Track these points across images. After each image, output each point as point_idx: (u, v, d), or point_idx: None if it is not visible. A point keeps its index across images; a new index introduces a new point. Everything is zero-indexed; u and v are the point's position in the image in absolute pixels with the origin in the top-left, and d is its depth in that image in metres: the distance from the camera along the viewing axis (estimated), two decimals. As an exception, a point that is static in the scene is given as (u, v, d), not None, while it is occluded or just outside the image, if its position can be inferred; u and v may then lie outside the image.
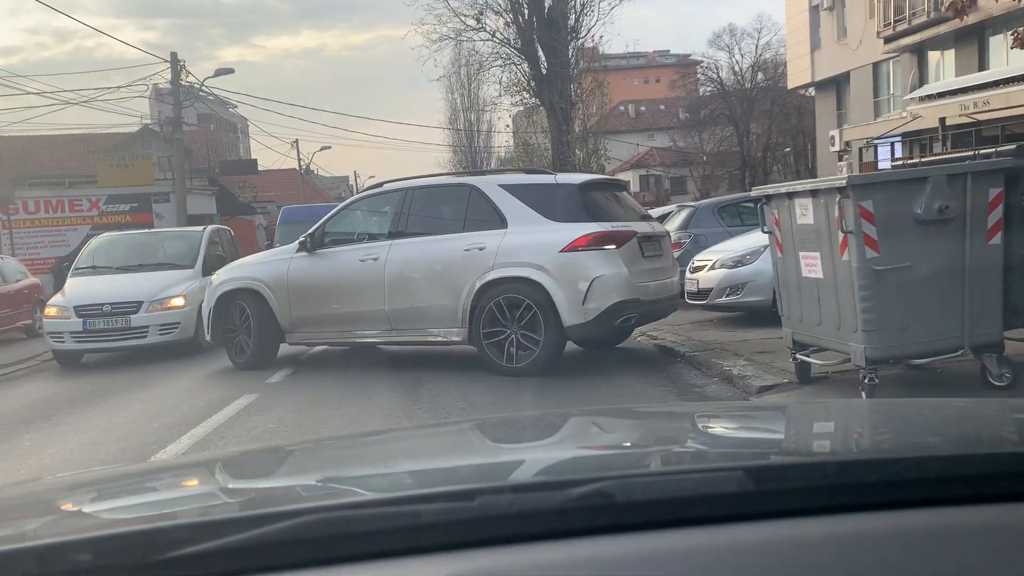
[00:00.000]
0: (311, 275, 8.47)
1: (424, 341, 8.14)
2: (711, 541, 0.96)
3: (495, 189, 7.89)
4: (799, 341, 5.97)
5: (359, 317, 8.25)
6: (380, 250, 8.15)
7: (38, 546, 1.03)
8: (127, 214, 27.81)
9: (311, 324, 8.59)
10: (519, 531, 0.97)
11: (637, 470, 1.30)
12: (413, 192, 8.33)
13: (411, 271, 7.98)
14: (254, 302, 8.76)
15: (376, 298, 8.07)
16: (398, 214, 8.26)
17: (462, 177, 9.05)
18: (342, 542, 0.97)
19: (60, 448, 6.11)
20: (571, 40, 23.39)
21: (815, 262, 5.56)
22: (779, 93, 42.63)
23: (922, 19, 25.03)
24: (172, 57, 26.96)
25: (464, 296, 7.65)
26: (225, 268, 9.58)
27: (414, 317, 7.97)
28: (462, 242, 7.76)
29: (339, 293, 8.31)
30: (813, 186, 5.42)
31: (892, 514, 1.00)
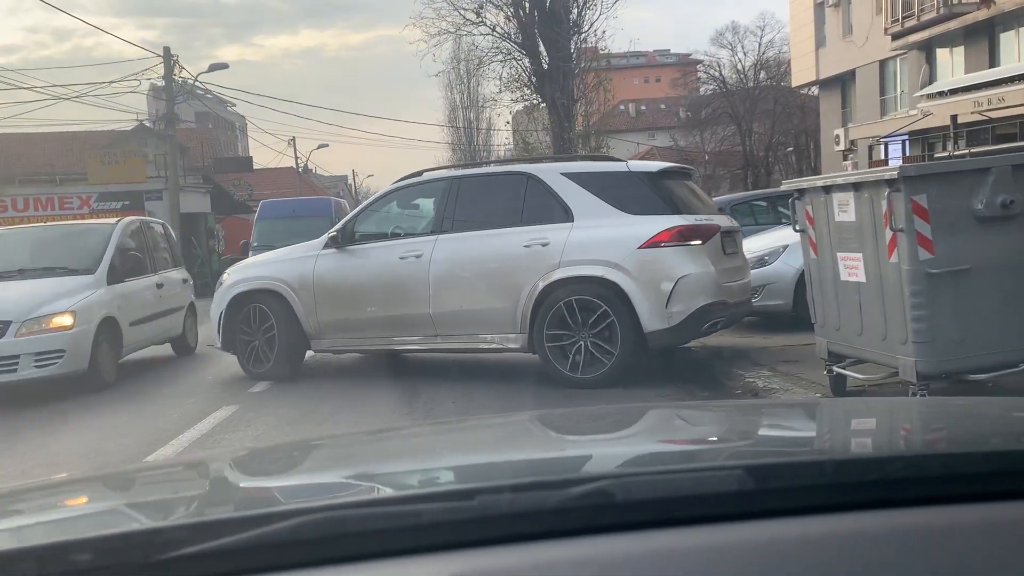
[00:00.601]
0: (341, 274, 7.54)
1: (475, 348, 7.32)
2: (711, 540, 0.95)
3: (557, 178, 7.03)
4: (835, 352, 5.39)
5: (398, 321, 7.34)
6: (423, 246, 7.24)
7: (37, 546, 1.02)
8: (119, 212, 27.18)
9: (341, 330, 7.62)
10: (519, 530, 0.97)
11: (637, 469, 1.28)
12: (460, 182, 7.45)
13: (461, 270, 7.13)
14: (275, 305, 7.76)
15: (419, 300, 7.18)
16: (443, 206, 7.35)
17: (517, 165, 8.01)
18: (342, 542, 0.96)
19: (12, 468, 5.53)
20: (573, 35, 22.83)
21: (856, 264, 4.97)
22: (782, 92, 42.17)
23: (931, 15, 24.57)
24: (165, 52, 26.50)
25: (524, 298, 6.83)
26: (237, 267, 8.59)
27: (464, 321, 7.12)
28: (521, 237, 6.91)
29: (375, 295, 7.39)
30: (857, 178, 4.84)
31: (891, 513, 0.99)
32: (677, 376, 7.10)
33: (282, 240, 16.62)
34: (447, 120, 54.18)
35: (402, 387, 7.28)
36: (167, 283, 10.24)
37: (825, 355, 5.47)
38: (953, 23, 23.98)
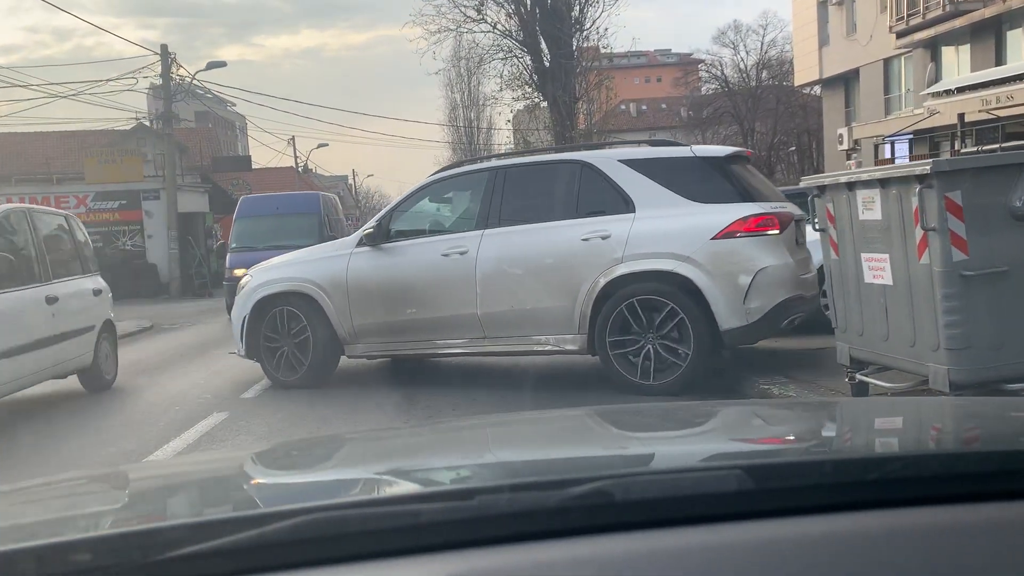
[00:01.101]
0: (378, 274, 7.01)
1: (528, 351, 6.83)
2: (710, 540, 0.95)
3: (615, 166, 6.53)
4: (857, 358, 5.09)
5: (442, 324, 6.82)
6: (468, 242, 6.74)
7: (37, 546, 1.01)
8: (115, 211, 26.98)
9: (378, 333, 7.07)
10: (518, 530, 0.97)
11: (636, 469, 1.28)
12: (505, 172, 6.92)
13: (511, 267, 6.62)
14: (306, 308, 7.22)
15: (465, 300, 6.69)
16: (488, 198, 6.81)
17: (569, 153, 7.36)
18: (341, 542, 0.96)
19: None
20: (575, 32, 22.53)
21: (882, 265, 4.68)
22: (784, 91, 41.88)
23: (937, 12, 24.30)
24: (162, 50, 26.22)
25: (583, 296, 6.35)
26: (260, 267, 7.97)
27: (516, 322, 6.62)
28: (578, 230, 6.42)
29: (416, 295, 6.88)
30: (883, 174, 4.54)
31: (890, 512, 0.99)
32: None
33: (265, 241, 15.12)
34: (447, 119, 53.89)
35: (400, 392, 7.00)
36: (66, 296, 7.55)
37: (847, 361, 5.18)
38: (959, 21, 23.74)
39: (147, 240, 26.75)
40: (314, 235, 15.14)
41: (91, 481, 1.66)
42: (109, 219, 26.70)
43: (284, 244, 15.01)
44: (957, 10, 23.64)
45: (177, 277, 25.48)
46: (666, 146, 7.19)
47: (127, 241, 26.82)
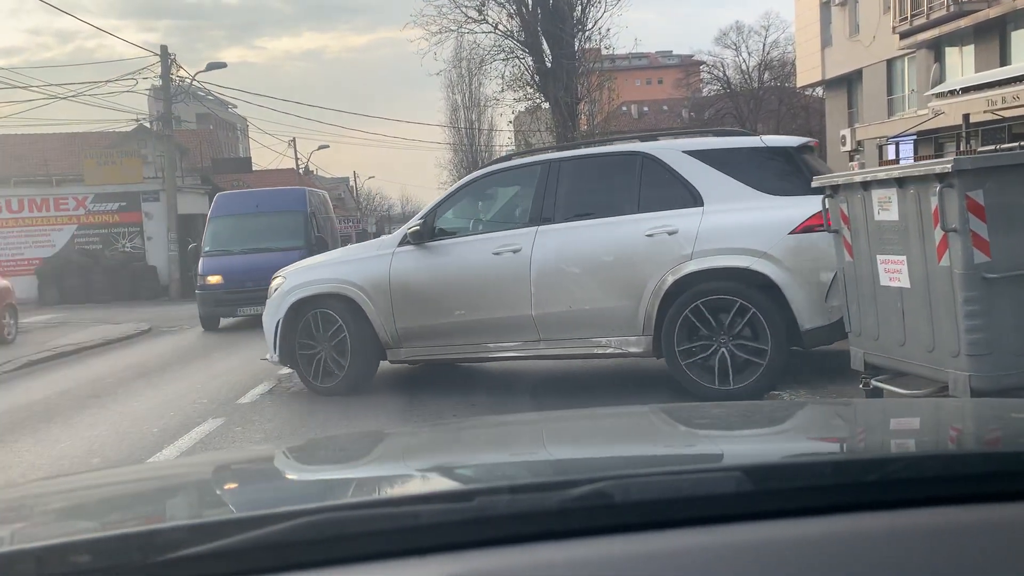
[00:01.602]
0: (423, 274, 6.65)
1: (586, 354, 6.45)
2: (709, 541, 0.95)
3: (679, 157, 6.19)
4: (872, 364, 4.92)
5: (494, 326, 6.46)
6: (522, 239, 6.38)
7: (36, 548, 1.01)
8: (115, 213, 26.87)
9: (424, 337, 6.71)
10: (518, 532, 0.96)
11: (635, 470, 1.24)
12: (559, 165, 6.55)
13: (569, 265, 6.27)
14: (345, 311, 6.84)
15: (518, 301, 6.34)
16: (541, 193, 6.46)
17: (628, 144, 6.95)
18: (341, 543, 0.95)
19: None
20: (577, 32, 22.37)
21: (899, 267, 4.51)
22: (787, 92, 41.73)
23: (940, 13, 24.16)
24: (162, 51, 26.10)
25: (648, 295, 6.00)
26: (293, 268, 7.54)
27: (574, 324, 6.26)
28: (642, 225, 6.07)
29: (465, 296, 6.53)
30: (901, 173, 4.37)
31: (890, 513, 0.99)
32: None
33: (243, 242, 14.25)
34: (449, 121, 53.75)
35: (400, 397, 6.86)
36: None
37: (861, 367, 5.01)
38: (963, 21, 23.60)
39: (147, 242, 26.60)
40: (299, 235, 14.31)
41: (90, 482, 1.65)
42: (108, 221, 26.60)
43: (265, 246, 13.93)
44: (961, 10, 23.50)
45: (177, 279, 25.31)
46: (731, 135, 6.84)
47: (126, 243, 26.70)
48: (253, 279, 13.07)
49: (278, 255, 13.12)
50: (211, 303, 14.00)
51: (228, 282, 13.79)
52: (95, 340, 13.03)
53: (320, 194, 17.46)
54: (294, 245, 13.91)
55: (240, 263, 13.89)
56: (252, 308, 13.11)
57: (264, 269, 13.03)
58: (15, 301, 14.49)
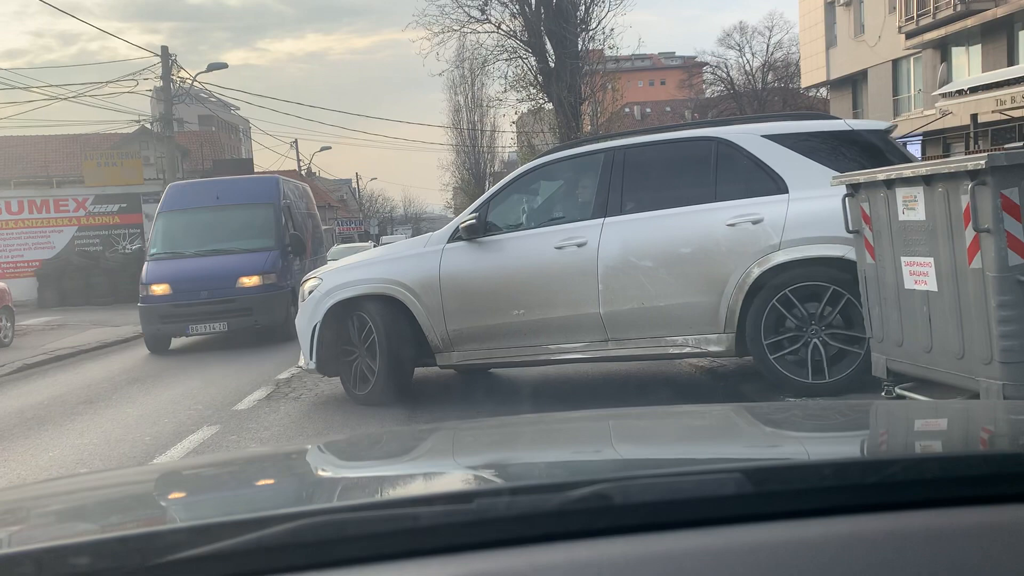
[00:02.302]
0: (478, 272, 6.20)
1: (660, 355, 6.04)
2: (709, 543, 0.95)
3: (758, 142, 5.81)
4: (896, 371, 4.70)
5: (556, 326, 6.03)
6: (587, 232, 5.97)
7: (35, 550, 1.00)
8: (115, 214, 26.64)
9: (478, 339, 6.25)
10: (517, 533, 0.96)
11: (635, 472, 1.24)
12: (624, 153, 6.13)
13: (641, 258, 5.85)
14: (388, 312, 6.33)
15: (584, 298, 5.92)
16: (606, 183, 6.05)
17: (700, 128, 6.52)
18: (340, 545, 0.95)
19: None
20: (581, 32, 22.15)
21: (925, 270, 4.29)
22: (791, 93, 41.51)
23: (947, 12, 23.94)
24: (163, 51, 25.96)
25: (731, 289, 5.62)
26: (330, 269, 7.08)
27: (646, 322, 5.85)
28: (722, 214, 5.68)
29: (524, 294, 6.08)
30: (929, 170, 4.15)
31: (890, 515, 0.98)
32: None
33: (199, 243, 11.95)
34: (451, 122, 53.56)
35: (402, 406, 6.62)
36: None
37: (883, 374, 4.79)
38: (970, 20, 23.39)
39: (147, 244, 26.42)
40: (268, 233, 12.30)
41: (90, 484, 1.65)
42: (109, 222, 26.39)
43: (226, 247, 11.96)
44: (968, 10, 23.29)
45: (177, 281, 25.14)
46: (812, 120, 6.43)
47: (127, 245, 26.50)
48: (210, 288, 11.39)
49: (241, 258, 11.79)
50: (155, 319, 11.41)
51: (177, 292, 11.40)
52: (92, 343, 12.82)
53: (298, 186, 15.35)
54: (262, 245, 12.12)
55: (193, 268, 11.75)
56: (208, 325, 11.31)
57: (223, 275, 11.47)
58: (12, 303, 14.30)
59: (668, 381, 6.95)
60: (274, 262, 11.98)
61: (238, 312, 11.42)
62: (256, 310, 11.45)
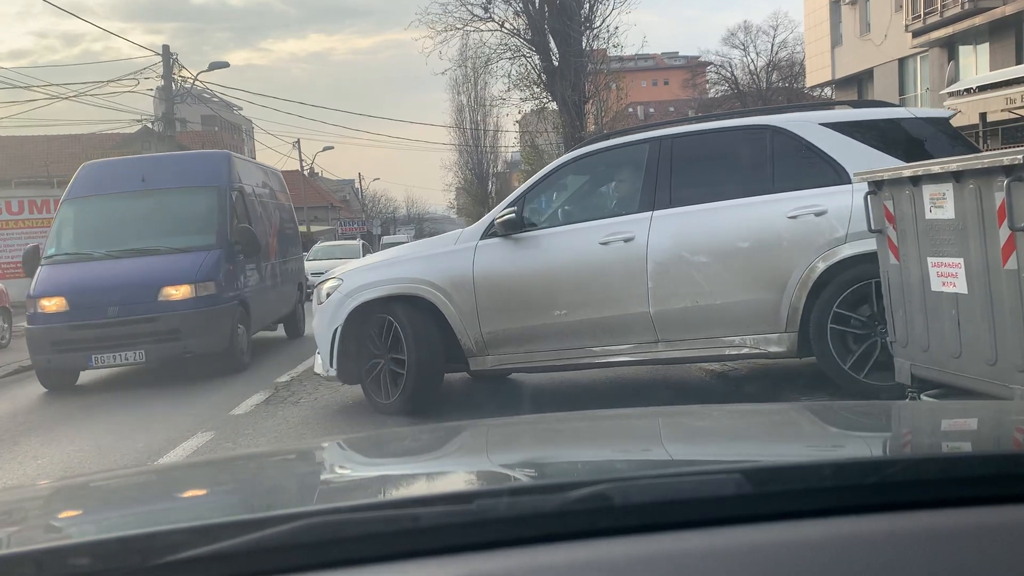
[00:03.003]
0: (515, 270, 5.84)
1: (715, 355, 5.72)
2: (709, 543, 0.95)
3: (817, 130, 5.51)
4: (921, 377, 4.49)
5: (603, 326, 5.68)
6: (634, 226, 5.62)
7: (36, 551, 1.00)
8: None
9: (515, 342, 5.85)
10: (517, 534, 0.96)
11: (635, 472, 1.26)
12: (672, 143, 5.80)
13: (694, 254, 5.53)
14: (416, 314, 5.92)
15: (632, 297, 5.58)
16: (653, 174, 5.72)
17: (753, 117, 6.18)
18: (340, 546, 0.95)
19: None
20: (585, 30, 21.95)
21: (954, 271, 4.08)
22: (795, 93, 41.29)
23: (955, 11, 23.73)
24: (164, 50, 25.81)
25: (794, 285, 5.31)
26: (350, 268, 6.59)
27: (700, 322, 5.52)
28: (781, 206, 5.37)
29: (566, 293, 5.74)
30: (960, 166, 3.94)
31: (890, 516, 0.98)
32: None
33: (112, 240, 8.92)
34: (454, 122, 53.39)
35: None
36: None
37: (907, 380, 4.58)
38: (978, 19, 23.17)
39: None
40: (209, 228, 9.13)
41: (90, 484, 1.65)
42: (110, 222, 26.31)
43: (149, 246, 8.84)
44: (976, 8, 23.08)
45: (178, 282, 24.94)
46: (871, 107, 6.10)
47: (128, 245, 26.38)
48: (121, 302, 8.33)
49: (169, 261, 8.72)
50: (45, 347, 8.41)
51: (76, 309, 8.36)
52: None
53: (265, 169, 12.63)
54: (200, 243, 8.98)
55: (99, 275, 8.65)
56: (118, 354, 8.29)
57: (141, 285, 8.43)
58: (10, 304, 14.12)
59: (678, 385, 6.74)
60: (214, 266, 8.83)
61: (160, 336, 8.39)
62: (186, 332, 8.40)
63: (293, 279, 12.61)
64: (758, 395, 6.03)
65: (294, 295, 12.55)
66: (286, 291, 12.02)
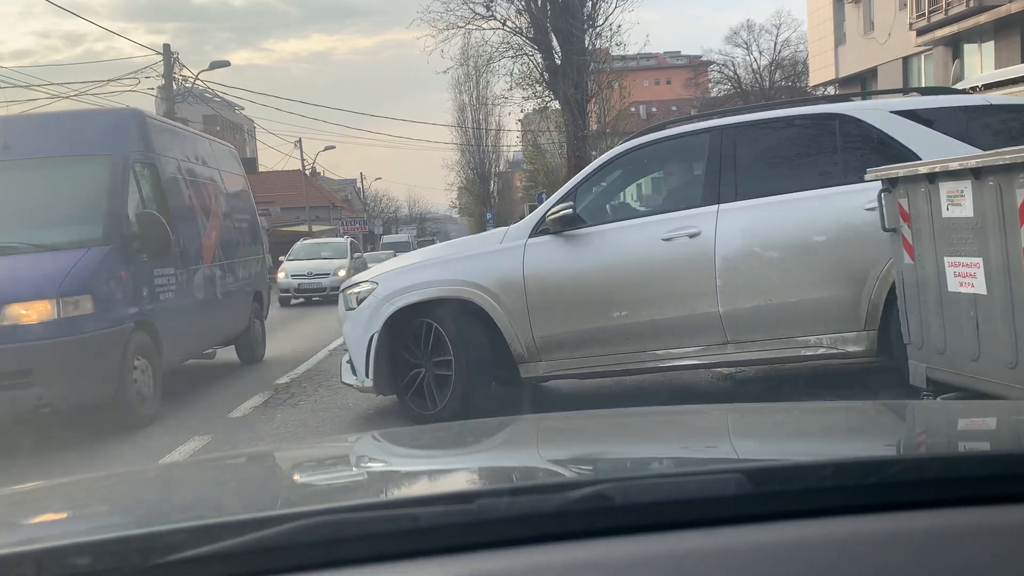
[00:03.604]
0: (570, 269, 5.53)
1: (790, 357, 5.39)
2: (710, 543, 0.95)
3: (890, 119, 5.26)
4: (936, 380, 4.36)
5: (667, 328, 5.39)
6: (699, 220, 5.35)
7: (36, 550, 1.00)
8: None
9: (571, 346, 5.54)
10: (518, 534, 0.96)
11: (635, 472, 1.28)
12: (734, 132, 5.55)
13: (766, 249, 5.26)
14: (463, 319, 5.59)
15: (700, 296, 5.32)
16: (716, 166, 5.46)
17: (820, 105, 5.97)
18: (341, 545, 0.95)
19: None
20: (588, 29, 21.82)
21: (973, 271, 3.95)
22: (798, 92, 41.21)
23: (960, 8, 23.61)
24: (164, 49, 25.76)
25: (873, 282, 5.05)
26: (385, 271, 6.17)
27: (773, 321, 5.24)
28: (858, 198, 5.05)
29: (627, 293, 5.44)
30: (979, 162, 3.81)
31: (891, 516, 0.98)
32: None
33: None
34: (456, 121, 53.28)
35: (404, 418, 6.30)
36: None
37: (922, 383, 4.45)
38: (983, 17, 23.05)
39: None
40: (94, 216, 6.55)
41: (90, 484, 1.65)
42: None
43: (1, 243, 6.30)
44: (981, 6, 22.96)
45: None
46: (942, 95, 5.82)
47: (128, 245, 26.25)
48: None
49: (24, 264, 6.16)
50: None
51: None
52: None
53: (199, 141, 9.44)
54: (78, 238, 6.40)
55: None
56: None
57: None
58: (8, 305, 13.94)
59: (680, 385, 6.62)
60: (92, 271, 6.21)
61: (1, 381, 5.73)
62: (41, 374, 5.81)
63: (246, 288, 9.59)
64: (758, 395, 5.92)
65: (247, 309, 9.47)
66: (234, 304, 9.05)
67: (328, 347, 10.28)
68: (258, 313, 9.94)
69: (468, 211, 63.86)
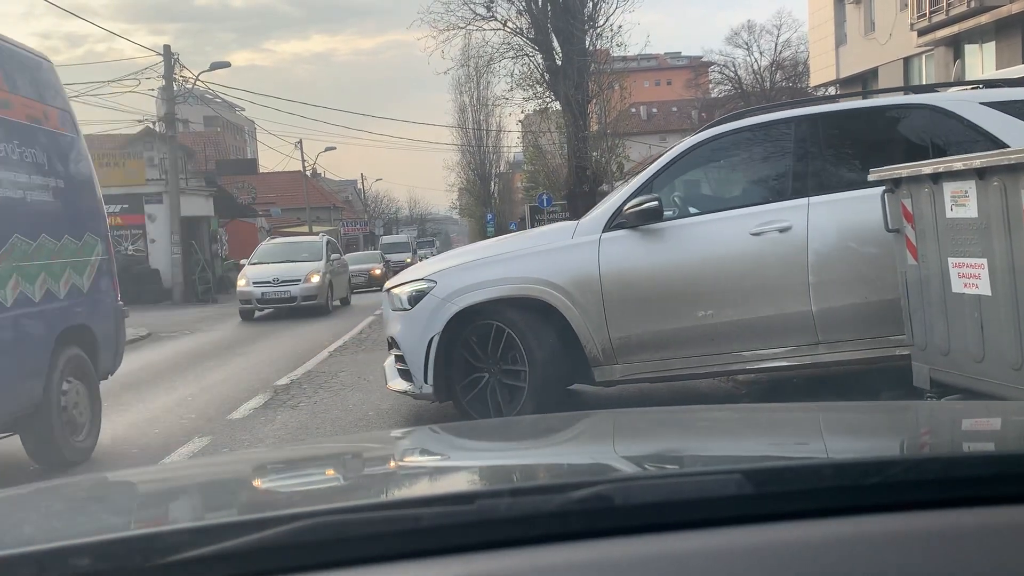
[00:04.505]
0: (650, 266, 5.25)
1: (883, 356, 5.09)
2: (710, 544, 0.95)
3: (979, 110, 5.09)
4: (940, 381, 4.34)
5: (755, 328, 5.14)
6: (789, 214, 5.11)
7: (36, 550, 1.00)
8: (117, 215, 26.33)
9: (651, 347, 5.26)
10: (518, 534, 0.96)
11: (636, 473, 1.28)
12: (822, 123, 5.34)
13: (863, 244, 5.01)
14: (535, 319, 5.31)
15: (790, 294, 5.07)
16: (803, 157, 5.25)
17: (909, 96, 5.74)
18: (342, 546, 0.95)
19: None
20: (588, 29, 21.79)
21: (977, 272, 3.92)
22: (799, 93, 41.20)
23: (961, 9, 23.59)
24: (165, 50, 25.74)
25: None
26: (443, 268, 5.71)
27: (868, 320, 5.04)
28: None
29: (711, 291, 5.19)
30: (983, 162, 3.78)
31: (891, 516, 0.98)
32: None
33: None
34: (456, 122, 53.23)
35: (407, 410, 6.27)
36: None
37: (926, 385, 4.42)
38: (984, 17, 23.03)
39: (150, 244, 26.17)
40: None
41: (91, 485, 1.65)
42: (111, 223, 26.14)
43: None
44: (982, 6, 22.94)
45: (180, 283, 24.96)
46: (1013, 87, 5.57)
47: (129, 246, 26.29)
48: None
49: None
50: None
51: None
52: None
53: None
54: None
55: None
56: None
57: None
58: None
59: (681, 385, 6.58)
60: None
61: None
62: None
63: (39, 322, 5.29)
64: (760, 396, 5.89)
65: (40, 363, 5.20)
66: None
67: (318, 357, 10.20)
68: (80, 370, 5.67)
69: (469, 212, 63.82)
